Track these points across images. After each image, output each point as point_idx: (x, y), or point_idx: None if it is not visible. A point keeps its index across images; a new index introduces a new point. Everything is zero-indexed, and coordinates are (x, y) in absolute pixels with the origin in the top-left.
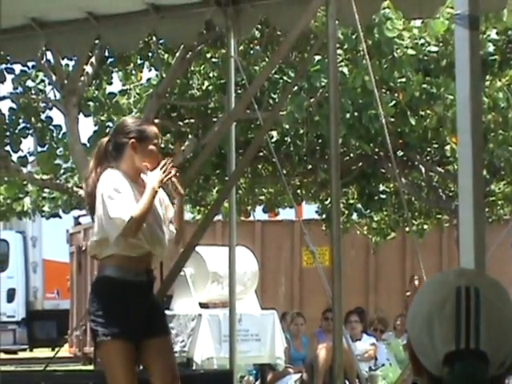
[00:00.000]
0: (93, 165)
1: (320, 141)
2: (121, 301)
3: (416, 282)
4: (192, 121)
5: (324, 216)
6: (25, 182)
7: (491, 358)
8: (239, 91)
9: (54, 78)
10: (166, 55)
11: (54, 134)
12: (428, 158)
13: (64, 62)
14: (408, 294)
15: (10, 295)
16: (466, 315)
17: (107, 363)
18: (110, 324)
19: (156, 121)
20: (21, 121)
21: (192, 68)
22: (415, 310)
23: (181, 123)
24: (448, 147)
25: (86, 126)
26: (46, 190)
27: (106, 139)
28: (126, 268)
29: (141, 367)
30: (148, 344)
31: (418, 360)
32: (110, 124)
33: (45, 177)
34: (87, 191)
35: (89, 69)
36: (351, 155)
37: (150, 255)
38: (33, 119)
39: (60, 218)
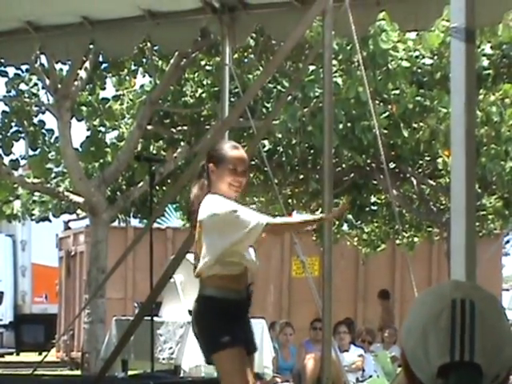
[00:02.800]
0: (196, 184)
1: (312, 151)
2: (226, 318)
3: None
4: (185, 128)
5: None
6: (15, 186)
7: (485, 371)
8: (233, 99)
9: (47, 81)
10: (160, 62)
11: (46, 138)
12: (420, 170)
13: (58, 66)
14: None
15: None
16: (460, 328)
17: (227, 371)
18: (223, 336)
19: (149, 127)
20: (13, 124)
21: (186, 75)
22: (410, 321)
23: (173, 130)
24: (440, 160)
25: (79, 131)
26: (37, 193)
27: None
28: (228, 288)
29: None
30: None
31: (412, 372)
32: (103, 129)
33: (36, 180)
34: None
35: (82, 73)
36: (343, 166)
37: (246, 273)
38: (25, 123)
39: (50, 221)
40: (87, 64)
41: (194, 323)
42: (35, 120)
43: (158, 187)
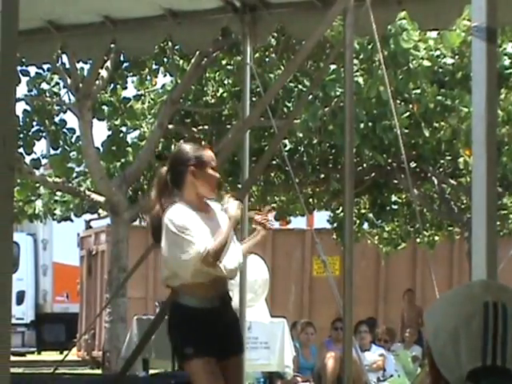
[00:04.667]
0: (155, 196)
1: (333, 150)
2: (198, 326)
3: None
4: (206, 127)
5: (335, 225)
6: (37, 185)
7: None
8: (254, 99)
9: (68, 81)
10: (181, 61)
11: (68, 138)
12: (441, 169)
13: (79, 65)
14: (403, 308)
15: (20, 297)
16: (493, 331)
17: (196, 380)
18: (192, 345)
19: (170, 126)
20: (34, 123)
21: (207, 74)
22: (439, 322)
23: (194, 129)
24: (461, 160)
25: (100, 130)
26: (58, 193)
27: (164, 169)
28: (198, 296)
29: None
30: (222, 365)
31: (438, 370)
32: (124, 129)
33: (57, 180)
34: (153, 224)
35: (104, 73)
36: (364, 165)
37: (220, 279)
38: (46, 122)
39: (71, 221)
40: (108, 63)
41: (167, 330)
42: (56, 119)
43: None
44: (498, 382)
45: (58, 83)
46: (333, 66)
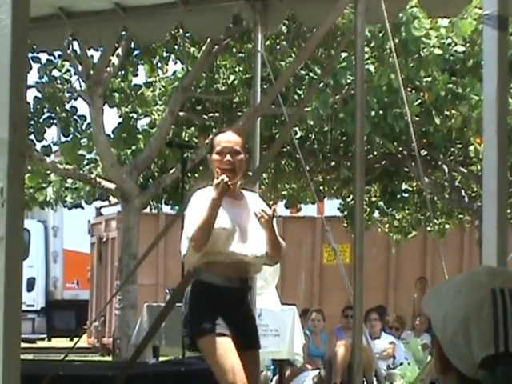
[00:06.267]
0: None
1: (344, 138)
2: (214, 303)
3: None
4: (217, 115)
5: (346, 213)
6: (48, 172)
7: None
8: (265, 86)
9: (79, 68)
10: (192, 48)
11: (79, 124)
12: (451, 158)
13: (90, 52)
14: (415, 295)
15: (30, 284)
16: (503, 318)
17: (212, 355)
18: (208, 321)
19: (181, 114)
20: (45, 110)
21: (218, 62)
22: (447, 311)
23: (205, 117)
24: (472, 148)
25: (111, 117)
26: (69, 180)
27: None
28: (218, 273)
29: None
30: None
31: (447, 360)
32: (135, 116)
33: (68, 167)
34: None
35: (115, 60)
36: (375, 153)
37: (244, 263)
38: (57, 109)
39: (82, 208)
40: (119, 50)
41: (183, 308)
42: (67, 106)
43: (189, 174)
44: None
45: (69, 70)
46: (344, 54)
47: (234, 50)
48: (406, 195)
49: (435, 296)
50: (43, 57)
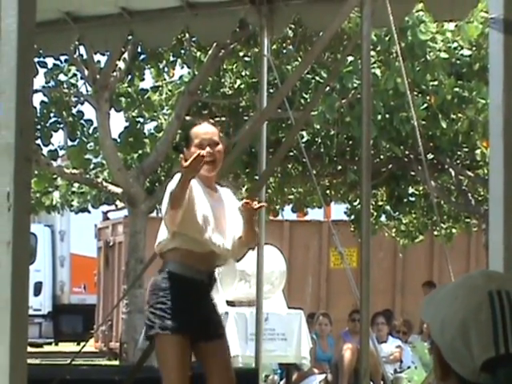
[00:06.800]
0: None
1: (350, 142)
2: (181, 297)
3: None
4: (223, 119)
5: (352, 217)
6: (54, 176)
7: None
8: (271, 90)
9: (86, 72)
10: (198, 53)
11: (85, 129)
12: (458, 161)
13: (96, 56)
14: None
15: (37, 288)
16: (501, 320)
17: (162, 356)
18: (168, 318)
19: (187, 118)
20: (52, 114)
21: (224, 66)
22: (444, 316)
23: (212, 121)
24: (478, 151)
25: (117, 122)
26: (76, 184)
27: None
28: (187, 265)
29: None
30: (204, 346)
31: (447, 366)
32: (141, 120)
33: (75, 171)
34: None
35: (121, 64)
36: (381, 157)
37: (213, 255)
38: (64, 113)
39: (89, 212)
40: (126, 55)
41: (148, 295)
42: (74, 111)
43: None
44: None
45: (75, 74)
46: (350, 58)
47: (241, 54)
48: (413, 199)
49: (432, 302)
50: (50, 61)
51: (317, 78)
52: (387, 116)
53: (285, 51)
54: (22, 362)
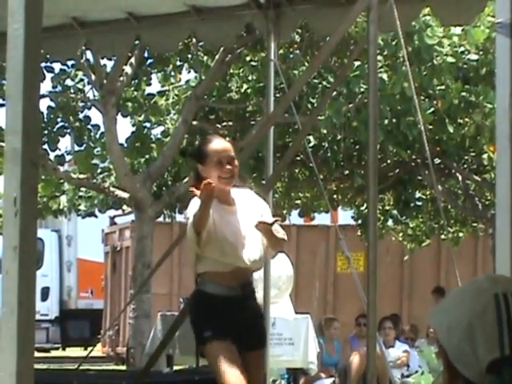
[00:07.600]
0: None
1: (357, 146)
2: (215, 314)
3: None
4: (230, 123)
5: (359, 221)
6: (61, 181)
7: None
8: (278, 95)
9: (93, 77)
10: (205, 57)
11: (92, 134)
12: (465, 166)
13: (103, 61)
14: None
15: (44, 293)
16: (507, 321)
17: (214, 361)
18: (210, 328)
19: (194, 123)
20: (59, 119)
21: (231, 71)
22: (451, 320)
23: (219, 126)
24: (485, 156)
25: (124, 127)
26: (83, 189)
27: None
28: (219, 284)
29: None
30: (243, 356)
31: (454, 368)
32: (148, 125)
33: (81, 176)
34: None
35: (128, 69)
36: (388, 161)
37: (242, 269)
38: (71, 118)
39: (96, 217)
40: (133, 60)
41: (189, 319)
42: (81, 115)
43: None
44: None
45: (82, 79)
46: (357, 63)
47: (247, 58)
48: (420, 203)
49: (439, 309)
50: (56, 66)
51: (324, 82)
52: (394, 120)
53: (292, 56)
54: (29, 368)
